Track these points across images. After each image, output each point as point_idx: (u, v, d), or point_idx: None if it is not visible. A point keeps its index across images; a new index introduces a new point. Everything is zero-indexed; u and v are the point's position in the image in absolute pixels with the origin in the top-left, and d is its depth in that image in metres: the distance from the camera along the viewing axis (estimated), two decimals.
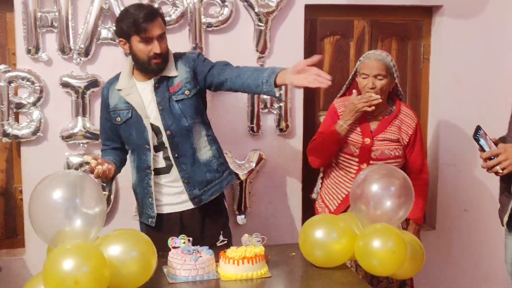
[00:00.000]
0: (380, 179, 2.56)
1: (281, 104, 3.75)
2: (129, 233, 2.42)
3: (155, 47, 2.79)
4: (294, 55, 3.73)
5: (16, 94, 3.50)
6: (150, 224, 3.00)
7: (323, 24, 3.99)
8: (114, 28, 2.84)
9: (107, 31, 3.53)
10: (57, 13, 3.46)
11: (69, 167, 3.52)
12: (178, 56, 2.99)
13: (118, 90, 2.93)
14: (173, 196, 2.99)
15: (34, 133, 3.49)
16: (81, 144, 3.54)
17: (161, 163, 2.96)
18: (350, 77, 3.24)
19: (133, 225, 3.14)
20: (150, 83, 2.91)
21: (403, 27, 4.08)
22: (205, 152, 3.01)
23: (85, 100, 3.51)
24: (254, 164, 3.76)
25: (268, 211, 3.87)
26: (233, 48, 3.68)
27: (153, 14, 2.80)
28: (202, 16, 3.60)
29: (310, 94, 4.00)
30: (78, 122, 3.53)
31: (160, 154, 2.94)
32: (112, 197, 3.61)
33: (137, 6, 2.89)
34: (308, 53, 3.91)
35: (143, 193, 3.01)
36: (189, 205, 2.99)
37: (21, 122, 3.53)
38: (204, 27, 3.62)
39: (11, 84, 3.47)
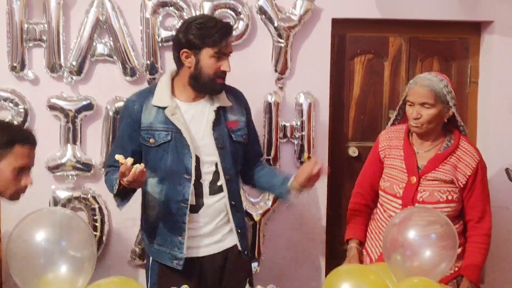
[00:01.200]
0: (419, 224, 2.53)
1: (303, 133, 3.76)
2: (122, 281, 2.41)
3: (225, 65, 2.84)
4: (319, 77, 3.75)
5: None
6: (174, 266, 2.94)
7: (353, 40, 4.01)
8: (175, 37, 2.88)
9: (103, 46, 3.58)
10: (46, 25, 3.51)
11: (55, 203, 3.54)
12: (229, 88, 3.03)
13: (158, 107, 2.89)
14: (204, 239, 3.01)
15: None
16: (70, 176, 3.56)
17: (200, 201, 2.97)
18: (401, 102, 3.20)
19: (128, 271, 3.13)
20: (196, 106, 2.92)
21: (446, 46, 4.09)
22: (242, 200, 3.14)
23: (76, 125, 3.55)
24: (270, 203, 3.76)
25: (286, 258, 3.85)
26: (248, 67, 3.71)
27: (230, 29, 2.87)
28: None
29: (337, 123, 4.00)
30: (67, 151, 3.55)
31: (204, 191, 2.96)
32: (104, 238, 3.61)
33: (210, 18, 2.93)
34: (335, 74, 3.93)
35: (170, 229, 2.95)
36: (212, 250, 2.99)
37: None
38: None
39: None
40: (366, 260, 3.17)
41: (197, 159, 2.87)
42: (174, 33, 3.58)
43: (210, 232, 2.96)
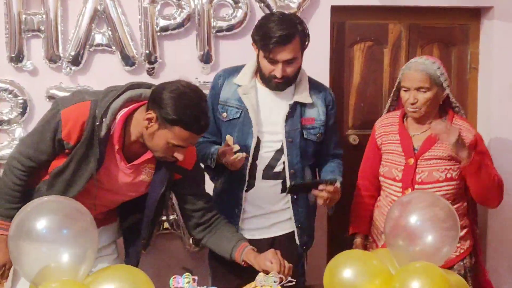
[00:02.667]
0: (420, 208, 2.54)
1: None
2: (125, 269, 2.42)
3: (277, 71, 2.87)
4: (319, 64, 3.74)
5: None
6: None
7: (352, 28, 4.00)
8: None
9: (101, 36, 3.58)
10: (44, 16, 3.51)
11: None
12: (316, 86, 3.10)
13: (236, 84, 3.02)
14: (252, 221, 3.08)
15: None
16: None
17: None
18: (395, 88, 3.21)
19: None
20: (276, 93, 2.98)
21: (446, 32, 4.08)
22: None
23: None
24: None
25: None
26: (247, 56, 3.64)
27: (288, 37, 2.84)
28: (212, 19, 3.63)
29: (337, 111, 3.94)
30: None
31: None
32: None
33: (279, 20, 2.89)
34: (335, 62, 3.93)
35: (230, 202, 3.06)
36: (259, 234, 3.06)
37: (1, 141, 3.56)
38: (214, 31, 3.65)
39: None
40: (372, 246, 3.19)
41: (258, 141, 2.96)
42: (172, 22, 3.60)
43: (259, 216, 3.06)
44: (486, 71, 4.04)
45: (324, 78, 3.81)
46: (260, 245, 2.92)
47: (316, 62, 3.76)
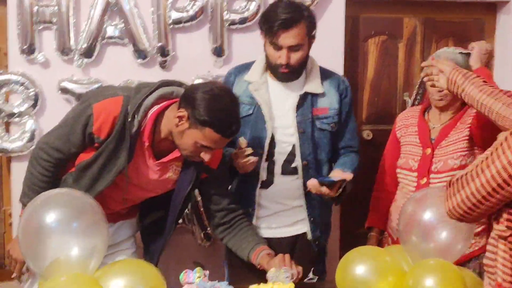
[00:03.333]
0: (435, 204, 2.51)
1: None
2: (136, 264, 2.41)
3: (282, 57, 2.82)
4: (333, 58, 3.71)
5: (7, 100, 3.54)
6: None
7: (367, 22, 3.98)
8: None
9: (113, 28, 3.56)
10: (56, 8, 3.49)
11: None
12: (328, 75, 3.04)
13: (247, 81, 2.99)
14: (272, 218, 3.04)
15: (27, 146, 3.51)
16: None
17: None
18: (420, 80, 3.19)
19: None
20: (287, 86, 2.94)
21: (461, 26, 4.05)
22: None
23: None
24: None
25: None
26: (260, 49, 3.59)
27: (292, 21, 2.80)
28: (225, 12, 3.61)
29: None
30: None
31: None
32: None
33: (285, 6, 2.86)
34: (349, 56, 3.90)
35: (244, 200, 3.01)
36: (281, 233, 3.04)
37: (13, 133, 3.55)
38: (227, 24, 3.62)
39: (2, 89, 3.51)
40: (388, 240, 3.16)
41: (273, 136, 2.92)
42: (184, 15, 3.58)
43: (280, 213, 3.02)
44: (502, 66, 4.01)
45: (338, 72, 3.74)
46: (282, 245, 2.94)
47: (330, 56, 3.72)
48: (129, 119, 2.49)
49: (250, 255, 2.77)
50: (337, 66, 3.77)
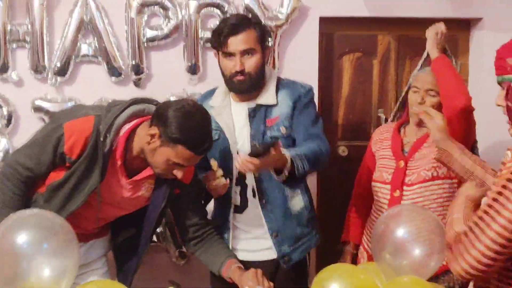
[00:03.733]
0: (407, 221, 2.51)
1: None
2: (108, 284, 2.39)
3: (236, 64, 2.79)
4: (307, 76, 3.71)
5: None
6: None
7: (341, 39, 3.99)
8: None
9: (87, 46, 3.55)
10: (30, 26, 3.48)
11: None
12: (286, 84, 2.97)
13: (212, 107, 2.94)
14: (251, 242, 2.99)
15: (1, 166, 3.48)
16: None
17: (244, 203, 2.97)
18: (404, 93, 3.21)
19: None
20: (244, 108, 2.91)
21: None
22: (297, 202, 2.97)
23: None
24: None
25: None
26: None
27: (239, 26, 2.79)
28: (200, 30, 3.61)
29: (326, 122, 3.94)
30: None
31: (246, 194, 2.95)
32: None
33: (224, 18, 2.89)
34: (324, 73, 3.91)
35: (221, 225, 2.99)
36: (262, 256, 2.97)
37: None
38: (202, 42, 3.63)
39: None
40: (363, 255, 3.16)
41: None
42: (159, 33, 3.58)
43: (258, 236, 2.95)
44: (476, 82, 4.03)
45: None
46: (265, 267, 2.85)
47: (305, 73, 3.74)
48: (101, 139, 2.47)
49: (221, 268, 2.75)
50: (312, 83, 3.73)
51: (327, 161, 2.91)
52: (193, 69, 3.65)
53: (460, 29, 4.07)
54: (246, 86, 2.84)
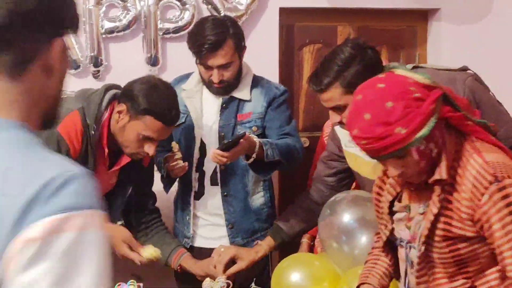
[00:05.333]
0: (354, 206, 2.52)
1: None
2: None
3: (214, 77, 2.82)
4: (268, 67, 3.72)
5: None
6: (184, 245, 2.99)
7: (301, 30, 4.00)
8: None
9: None
10: None
11: None
12: (260, 83, 3.02)
13: (183, 90, 2.97)
14: (208, 229, 3.03)
15: None
16: None
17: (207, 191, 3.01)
18: None
19: None
20: (218, 98, 2.95)
21: (394, 34, 4.11)
22: (257, 198, 3.04)
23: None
24: None
25: None
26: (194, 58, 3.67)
27: (218, 43, 2.79)
28: (159, 21, 3.59)
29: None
30: None
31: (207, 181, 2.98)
32: None
33: (210, 26, 2.84)
34: (284, 65, 3.92)
35: (182, 208, 3.04)
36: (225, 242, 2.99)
37: None
38: (161, 33, 3.61)
39: None
40: (320, 243, 3.16)
41: (203, 145, 2.91)
42: (117, 24, 3.55)
43: (215, 224, 3.00)
44: None
45: (273, 80, 3.79)
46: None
47: (265, 64, 3.74)
48: (92, 132, 2.48)
49: (170, 257, 2.77)
50: (273, 74, 3.78)
51: (301, 158, 2.97)
52: (153, 61, 3.62)
53: (418, 20, 4.11)
54: (223, 91, 2.91)
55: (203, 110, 2.95)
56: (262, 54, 3.75)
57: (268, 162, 2.79)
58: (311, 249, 3.22)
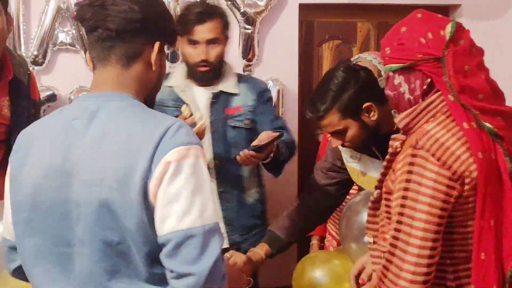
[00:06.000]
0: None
1: None
2: None
3: (201, 53, 2.81)
4: (287, 63, 3.73)
5: None
6: None
7: (320, 26, 3.99)
8: None
9: (65, 34, 3.52)
10: None
11: None
12: (245, 79, 3.07)
13: (169, 86, 2.92)
14: None
15: None
16: None
17: None
18: None
19: None
20: (206, 92, 2.92)
21: None
22: (252, 194, 3.03)
23: (39, 116, 3.47)
24: None
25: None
26: None
27: (207, 14, 2.80)
28: None
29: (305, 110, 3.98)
30: None
31: None
32: None
33: (199, 5, 2.89)
34: (303, 61, 3.92)
35: None
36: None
37: None
38: None
39: None
40: (332, 243, 3.15)
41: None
42: None
43: None
44: None
45: (293, 77, 3.81)
46: None
47: (285, 60, 3.75)
48: None
49: None
50: (292, 70, 3.79)
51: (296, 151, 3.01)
52: (172, 57, 3.64)
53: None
54: (208, 76, 2.88)
55: (198, 104, 2.90)
56: (281, 50, 3.76)
57: (281, 160, 2.80)
58: (322, 249, 3.21)
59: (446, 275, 1.85)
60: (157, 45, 1.63)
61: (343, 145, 2.45)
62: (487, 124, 1.82)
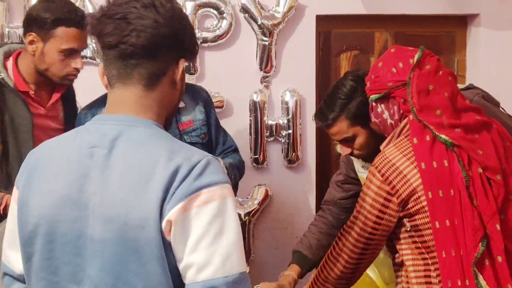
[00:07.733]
0: None
1: (289, 131, 3.76)
2: None
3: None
4: (305, 74, 3.75)
5: None
6: None
7: (338, 37, 4.01)
8: None
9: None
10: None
11: None
12: (187, 89, 2.90)
13: None
14: None
15: None
16: None
17: None
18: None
19: None
20: None
21: (433, 40, 4.09)
22: None
23: None
24: (258, 202, 3.76)
25: (275, 258, 3.84)
26: (233, 66, 3.71)
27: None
28: (197, 30, 3.63)
29: None
30: None
31: None
32: None
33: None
34: (321, 71, 3.94)
35: None
36: None
37: None
38: (199, 42, 3.66)
39: None
40: None
41: None
42: None
43: None
44: (473, 78, 4.05)
45: (310, 87, 3.83)
46: None
47: (303, 72, 3.77)
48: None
49: None
50: (310, 81, 3.82)
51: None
52: (191, 69, 3.67)
53: (457, 25, 4.09)
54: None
55: None
56: (299, 62, 3.78)
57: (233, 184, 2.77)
58: None
59: (430, 273, 2.05)
60: (182, 62, 1.52)
61: (351, 154, 2.49)
62: (443, 136, 1.99)
